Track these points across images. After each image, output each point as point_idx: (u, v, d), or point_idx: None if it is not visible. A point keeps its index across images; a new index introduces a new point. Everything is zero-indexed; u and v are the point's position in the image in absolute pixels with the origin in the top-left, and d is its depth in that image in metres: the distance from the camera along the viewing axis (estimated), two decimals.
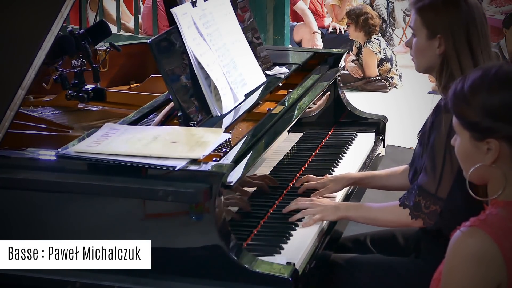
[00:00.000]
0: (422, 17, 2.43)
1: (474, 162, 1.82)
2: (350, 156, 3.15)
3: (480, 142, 1.79)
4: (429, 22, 2.42)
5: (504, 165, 1.79)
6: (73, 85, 2.99)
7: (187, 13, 2.73)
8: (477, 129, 1.78)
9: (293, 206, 2.54)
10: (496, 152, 1.78)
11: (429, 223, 2.38)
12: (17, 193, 2.32)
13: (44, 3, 2.43)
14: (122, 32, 6.87)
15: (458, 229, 1.76)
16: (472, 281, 1.72)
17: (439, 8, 2.42)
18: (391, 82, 7.37)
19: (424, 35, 2.44)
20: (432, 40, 2.42)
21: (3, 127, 2.37)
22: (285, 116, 2.81)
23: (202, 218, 2.14)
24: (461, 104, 1.81)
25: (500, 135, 1.77)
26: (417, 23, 2.45)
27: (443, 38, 2.40)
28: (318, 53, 3.60)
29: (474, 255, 1.72)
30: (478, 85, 1.79)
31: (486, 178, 1.84)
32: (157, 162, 2.19)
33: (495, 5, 8.34)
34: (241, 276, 2.13)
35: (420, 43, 2.45)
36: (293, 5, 7.75)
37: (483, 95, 1.77)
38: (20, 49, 2.42)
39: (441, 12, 2.41)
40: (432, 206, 2.36)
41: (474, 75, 1.82)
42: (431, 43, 2.42)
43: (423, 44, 2.44)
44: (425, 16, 2.43)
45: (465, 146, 1.83)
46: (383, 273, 2.50)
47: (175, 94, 2.55)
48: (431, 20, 2.42)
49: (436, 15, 2.42)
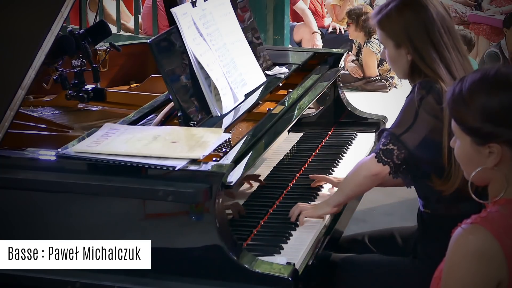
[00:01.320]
0: (384, 30, 2.49)
1: (476, 165, 1.82)
2: (350, 156, 3.15)
3: (482, 146, 1.79)
4: (390, 33, 2.47)
5: (505, 168, 1.79)
6: (73, 85, 2.99)
7: (187, 13, 2.73)
8: (478, 134, 1.78)
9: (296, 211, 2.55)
10: (498, 156, 1.78)
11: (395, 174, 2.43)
12: (17, 193, 2.32)
13: (44, 3, 2.43)
14: (122, 32, 6.87)
15: (459, 226, 1.77)
16: (473, 278, 1.72)
17: (394, 16, 2.46)
18: (391, 82, 7.37)
19: (391, 46, 2.49)
20: (399, 48, 2.47)
21: (3, 127, 2.37)
22: (285, 116, 2.81)
23: (202, 218, 2.14)
24: (460, 108, 1.80)
25: (502, 139, 1.76)
26: (382, 36, 2.51)
27: (406, 44, 2.44)
28: (318, 53, 3.60)
29: (475, 252, 1.72)
30: (477, 88, 1.78)
31: (488, 179, 1.84)
32: (157, 162, 2.19)
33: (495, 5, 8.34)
34: (241, 276, 2.13)
35: (391, 54, 2.50)
36: (293, 5, 7.74)
37: (482, 98, 1.76)
38: (20, 49, 2.42)
39: (397, 19, 2.46)
40: (404, 158, 2.39)
41: (472, 77, 1.80)
42: (399, 51, 2.48)
43: (393, 54, 2.50)
44: (386, 28, 2.48)
45: (466, 151, 1.83)
46: (382, 273, 2.51)
47: (175, 94, 2.55)
48: (392, 30, 2.47)
49: (393, 24, 2.46)
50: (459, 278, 1.73)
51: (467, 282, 1.72)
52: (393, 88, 7.39)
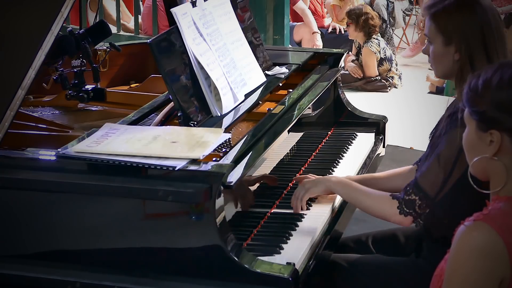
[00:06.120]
0: (437, 23, 2.39)
1: (477, 153, 1.85)
2: (350, 156, 3.15)
3: (484, 133, 1.82)
4: (444, 28, 2.38)
5: (505, 159, 1.82)
6: (73, 85, 2.99)
7: (187, 13, 2.73)
8: (483, 118, 1.82)
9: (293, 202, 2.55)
10: (497, 144, 1.81)
11: (419, 224, 2.38)
12: (17, 193, 2.32)
13: (44, 3, 2.43)
14: (122, 32, 6.87)
15: (462, 224, 1.77)
16: (478, 275, 1.72)
17: (453, 13, 2.38)
18: (391, 82, 7.37)
19: (440, 42, 2.39)
20: (449, 46, 2.38)
21: (3, 127, 2.37)
22: (285, 116, 2.81)
23: (202, 218, 2.14)
24: (473, 95, 1.85)
25: (503, 127, 1.80)
26: (432, 30, 2.41)
27: (458, 43, 2.36)
28: (318, 53, 3.60)
29: (480, 249, 1.72)
30: (491, 79, 1.82)
31: (488, 171, 1.86)
32: (157, 162, 2.19)
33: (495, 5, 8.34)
34: (241, 276, 2.13)
35: (437, 50, 2.41)
36: (293, 5, 7.75)
37: (494, 89, 1.81)
38: (20, 49, 2.43)
39: (455, 16, 2.37)
40: (427, 209, 2.36)
41: (489, 69, 1.85)
42: (448, 49, 2.39)
43: (440, 50, 2.40)
44: (440, 22, 2.39)
45: (471, 137, 1.87)
46: (383, 273, 2.50)
47: (175, 94, 2.55)
48: (446, 26, 2.38)
49: (450, 20, 2.37)
50: (464, 276, 1.73)
51: (472, 279, 1.72)
52: (393, 88, 7.39)
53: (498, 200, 1.82)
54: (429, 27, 2.42)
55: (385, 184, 2.78)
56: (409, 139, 5.67)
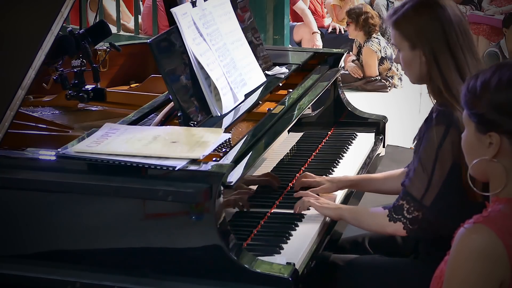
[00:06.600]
0: (400, 30, 2.42)
1: (477, 155, 1.84)
2: (350, 156, 3.15)
3: (483, 135, 1.81)
4: (407, 33, 2.41)
5: (504, 161, 1.81)
6: (73, 85, 2.99)
7: (187, 13, 2.73)
8: (482, 120, 1.81)
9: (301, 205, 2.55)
10: (496, 146, 1.80)
11: (409, 229, 2.36)
12: (17, 193, 2.32)
13: (44, 3, 2.43)
14: (122, 32, 6.87)
15: (462, 226, 1.77)
16: (477, 277, 1.72)
17: (413, 17, 2.41)
18: (391, 82, 7.37)
19: (406, 47, 2.42)
20: (415, 50, 2.41)
21: (3, 127, 2.37)
22: (285, 116, 2.81)
23: (202, 218, 2.14)
24: (472, 96, 1.84)
25: (502, 129, 1.79)
26: (397, 38, 2.45)
27: (422, 46, 2.39)
28: (318, 53, 3.60)
29: (480, 251, 1.72)
30: (490, 80, 1.82)
31: (488, 174, 1.85)
32: (157, 162, 2.19)
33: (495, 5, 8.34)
34: (241, 276, 2.13)
35: (406, 56, 2.44)
36: (293, 5, 7.75)
37: (493, 91, 1.80)
38: (20, 49, 2.43)
39: (415, 20, 2.40)
40: (415, 212, 2.35)
41: (487, 71, 1.85)
42: (414, 53, 2.41)
43: (408, 56, 2.43)
44: (402, 29, 2.42)
45: (470, 139, 1.86)
46: (382, 274, 2.50)
47: (175, 94, 2.55)
48: (408, 31, 2.41)
49: (411, 25, 2.40)
50: (464, 278, 1.73)
51: (471, 282, 1.72)
52: (393, 88, 7.39)
53: (498, 202, 1.82)
54: (394, 35, 2.46)
55: (381, 186, 2.79)
56: (409, 139, 5.62)
